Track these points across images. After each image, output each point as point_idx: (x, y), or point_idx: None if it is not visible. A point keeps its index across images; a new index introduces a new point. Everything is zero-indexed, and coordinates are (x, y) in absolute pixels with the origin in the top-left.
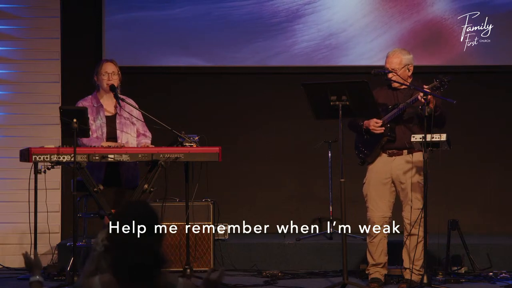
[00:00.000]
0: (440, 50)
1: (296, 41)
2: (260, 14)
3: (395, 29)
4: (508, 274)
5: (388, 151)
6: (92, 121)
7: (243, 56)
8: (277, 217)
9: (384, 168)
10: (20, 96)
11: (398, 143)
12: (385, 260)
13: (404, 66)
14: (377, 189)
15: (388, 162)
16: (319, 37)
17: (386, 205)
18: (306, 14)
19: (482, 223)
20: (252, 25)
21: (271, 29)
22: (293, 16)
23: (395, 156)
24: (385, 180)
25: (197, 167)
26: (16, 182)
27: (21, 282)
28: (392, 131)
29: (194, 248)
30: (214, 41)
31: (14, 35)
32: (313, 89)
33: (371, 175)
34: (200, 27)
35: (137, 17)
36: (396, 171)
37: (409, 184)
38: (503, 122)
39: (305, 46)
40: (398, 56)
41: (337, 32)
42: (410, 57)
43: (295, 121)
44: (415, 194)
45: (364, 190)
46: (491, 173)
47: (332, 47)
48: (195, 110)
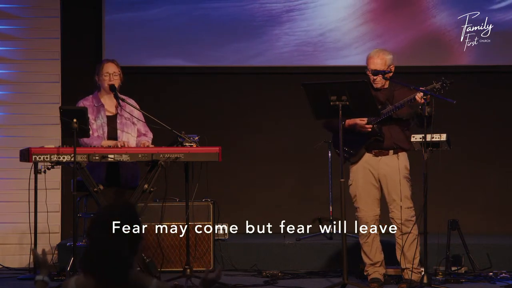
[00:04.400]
0: (440, 50)
1: (297, 41)
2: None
3: (393, 34)
4: (508, 274)
5: (373, 151)
6: (93, 121)
7: (245, 56)
8: (277, 217)
9: (370, 168)
10: (20, 96)
11: (385, 142)
12: (382, 258)
13: (388, 67)
14: (365, 189)
15: (374, 162)
16: (319, 36)
17: (375, 203)
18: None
19: (482, 223)
20: (253, 24)
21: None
22: (294, 13)
23: (381, 156)
24: (372, 179)
25: (197, 167)
26: (16, 182)
27: (21, 282)
28: (380, 131)
29: (194, 248)
30: (213, 42)
31: (14, 35)
32: (313, 89)
33: (357, 175)
34: (200, 27)
35: (137, 17)
36: (382, 171)
37: (397, 184)
38: (503, 122)
39: (305, 46)
40: (382, 57)
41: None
42: (391, 57)
43: (295, 121)
44: (404, 193)
45: (351, 192)
46: (491, 173)
47: (329, 46)
48: (195, 110)
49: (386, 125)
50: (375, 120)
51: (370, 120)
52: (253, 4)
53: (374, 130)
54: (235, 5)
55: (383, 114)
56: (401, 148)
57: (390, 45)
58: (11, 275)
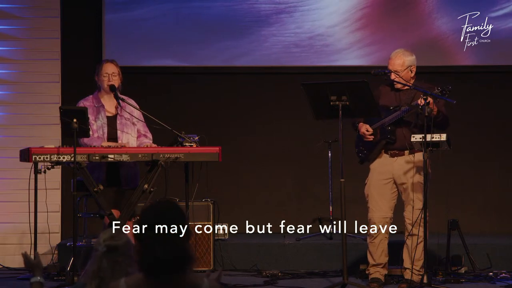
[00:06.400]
0: (440, 50)
1: (297, 40)
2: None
3: (392, 31)
4: (508, 274)
5: (389, 152)
6: (93, 121)
7: (243, 57)
8: (277, 217)
9: (385, 169)
10: (20, 96)
11: (398, 144)
12: (386, 260)
13: (406, 68)
14: (378, 189)
15: (389, 163)
16: (318, 36)
17: (387, 205)
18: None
19: (482, 223)
20: (253, 23)
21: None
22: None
23: (397, 156)
24: (386, 180)
25: (197, 167)
26: (16, 182)
27: (21, 282)
28: (392, 133)
29: (194, 248)
30: (213, 41)
31: (14, 35)
32: (313, 89)
33: (372, 175)
34: (198, 28)
35: (137, 17)
36: (397, 171)
37: (411, 184)
38: (503, 122)
39: (306, 46)
40: (401, 57)
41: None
42: (412, 58)
43: (295, 121)
44: (417, 194)
45: (365, 191)
46: (491, 173)
47: (326, 47)
48: (195, 110)
49: (400, 126)
50: (390, 121)
51: (385, 122)
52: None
53: (385, 133)
54: (223, 4)
55: (389, 119)
56: (416, 149)
57: (390, 46)
58: (11, 275)
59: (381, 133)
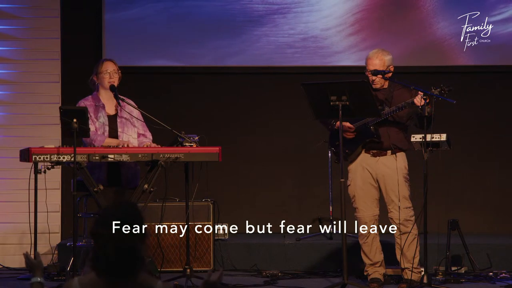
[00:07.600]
0: (440, 50)
1: (296, 40)
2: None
3: (391, 33)
4: (508, 274)
5: (371, 151)
6: (94, 119)
7: (243, 56)
8: (277, 217)
9: (368, 168)
10: (20, 96)
11: (381, 144)
12: (381, 258)
13: (387, 67)
14: (364, 189)
15: (372, 163)
16: (318, 35)
17: (374, 203)
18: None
19: (482, 223)
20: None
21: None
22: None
23: (379, 156)
24: (370, 179)
25: (197, 167)
26: (16, 182)
27: (21, 282)
28: (376, 132)
29: (194, 248)
30: (213, 42)
31: (14, 35)
32: (313, 89)
33: (355, 176)
34: (199, 28)
35: (137, 16)
36: (380, 171)
37: (396, 185)
38: (503, 122)
39: (306, 45)
40: (381, 57)
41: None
42: (390, 57)
43: (295, 121)
44: (402, 193)
45: (350, 192)
46: (491, 173)
47: (324, 47)
48: (195, 110)
49: (384, 126)
50: (374, 121)
51: (368, 121)
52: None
53: (371, 132)
54: (215, 4)
55: (384, 114)
56: (399, 149)
57: (390, 46)
58: (11, 275)
59: (365, 132)
